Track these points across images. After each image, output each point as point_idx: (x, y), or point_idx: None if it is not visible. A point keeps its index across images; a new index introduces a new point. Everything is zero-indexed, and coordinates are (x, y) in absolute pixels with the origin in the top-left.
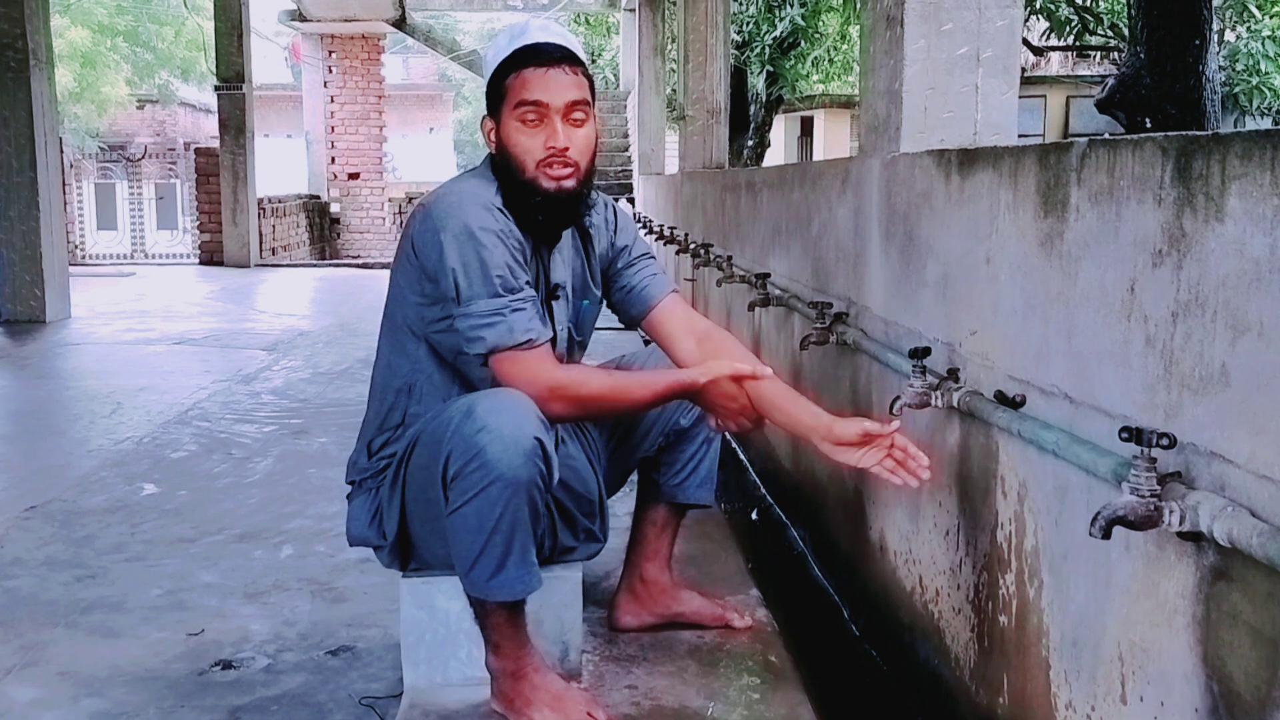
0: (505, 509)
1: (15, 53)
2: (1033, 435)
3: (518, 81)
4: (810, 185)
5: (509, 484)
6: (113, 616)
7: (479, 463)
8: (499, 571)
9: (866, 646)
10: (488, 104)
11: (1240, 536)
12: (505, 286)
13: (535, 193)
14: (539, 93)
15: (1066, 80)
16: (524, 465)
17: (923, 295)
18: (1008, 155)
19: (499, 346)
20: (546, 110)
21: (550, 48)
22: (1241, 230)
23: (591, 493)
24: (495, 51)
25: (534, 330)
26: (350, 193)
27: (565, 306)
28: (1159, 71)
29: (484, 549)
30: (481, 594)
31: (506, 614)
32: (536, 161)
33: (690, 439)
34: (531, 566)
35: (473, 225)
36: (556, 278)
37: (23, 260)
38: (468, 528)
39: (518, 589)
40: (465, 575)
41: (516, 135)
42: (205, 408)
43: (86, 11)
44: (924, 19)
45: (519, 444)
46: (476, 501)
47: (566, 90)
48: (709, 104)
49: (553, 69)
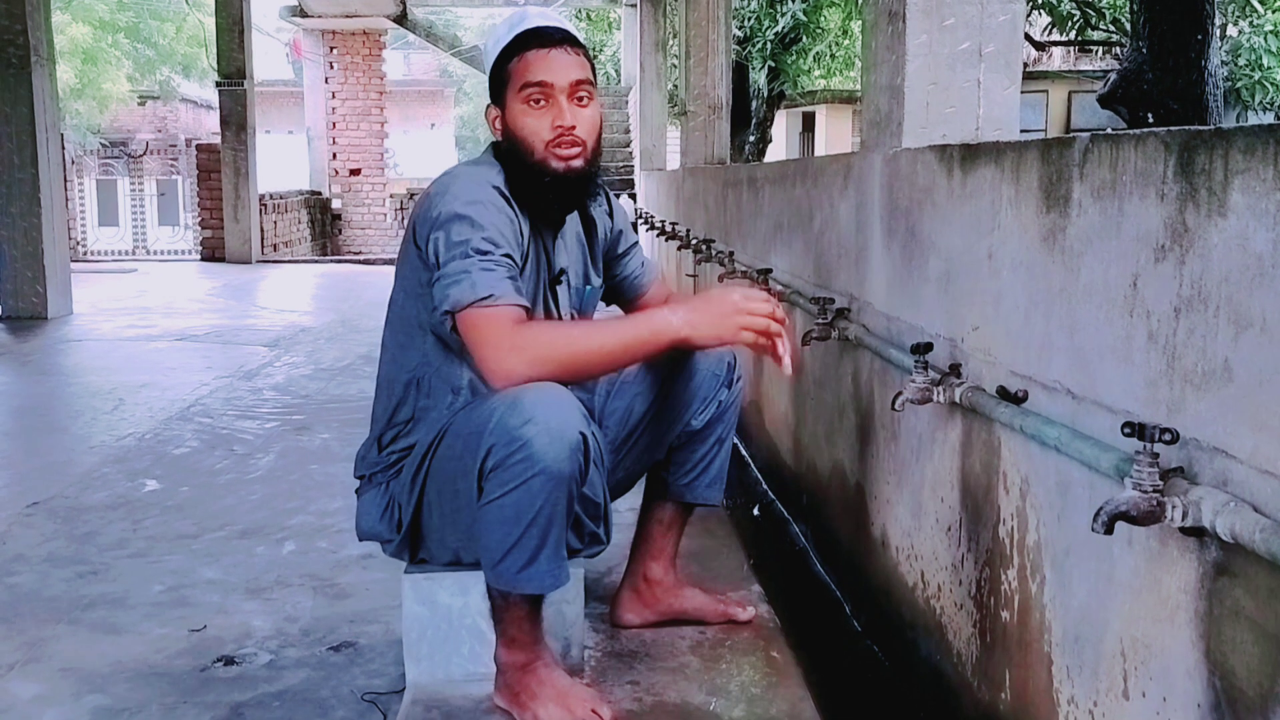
0: (545, 502)
1: (16, 49)
2: (1035, 431)
3: (521, 64)
4: (812, 181)
5: (552, 477)
6: (115, 613)
7: (524, 454)
8: (530, 564)
9: (868, 642)
10: (491, 92)
11: (1243, 532)
12: (477, 249)
13: (545, 174)
14: (543, 73)
15: (1069, 75)
16: (569, 459)
17: (925, 291)
18: (1010, 151)
19: (460, 303)
20: (551, 90)
21: (551, 30)
22: (1244, 225)
23: (598, 496)
24: (495, 39)
25: (497, 288)
26: (352, 189)
27: (569, 292)
28: (1161, 66)
29: (518, 541)
30: (509, 586)
31: (528, 608)
32: (545, 142)
33: (702, 439)
34: (563, 561)
35: (462, 198)
36: (560, 263)
37: (24, 256)
38: (504, 519)
39: (547, 582)
40: (494, 567)
41: (523, 118)
42: (207, 404)
43: (88, 8)
44: (926, 14)
45: (565, 438)
46: (517, 493)
47: (570, 69)
48: (710, 99)
49: (555, 49)
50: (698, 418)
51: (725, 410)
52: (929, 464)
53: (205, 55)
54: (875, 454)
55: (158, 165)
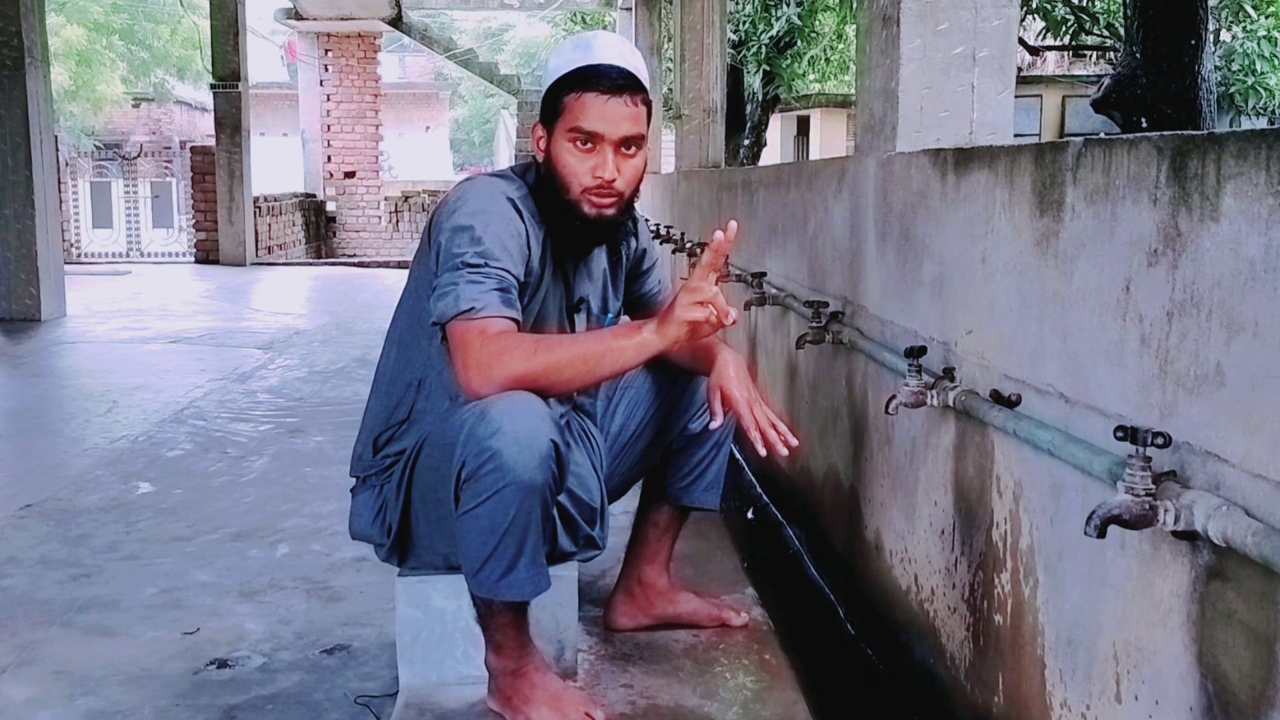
0: (519, 512)
1: (10, 51)
2: (1028, 434)
3: (577, 104)
4: (806, 185)
5: (523, 487)
6: (108, 615)
7: (494, 465)
8: (509, 572)
9: (862, 646)
10: (543, 112)
11: (1235, 536)
12: (468, 262)
13: (575, 216)
14: (596, 123)
15: (1062, 80)
16: (539, 469)
17: (918, 294)
18: (1003, 155)
19: (444, 315)
20: (601, 140)
21: (615, 72)
22: (1236, 230)
23: (594, 500)
24: (559, 61)
25: (479, 300)
26: (346, 191)
27: (587, 320)
28: (1155, 71)
29: (495, 550)
30: (490, 594)
31: (512, 614)
32: (583, 188)
33: (700, 444)
34: (542, 568)
35: (470, 208)
36: (581, 291)
37: (18, 259)
38: (480, 529)
39: (528, 590)
40: (474, 575)
41: (567, 156)
42: (201, 406)
43: (82, 9)
44: (920, 18)
45: (534, 447)
46: (490, 504)
47: (623, 124)
48: (705, 103)
49: (614, 99)
50: (695, 421)
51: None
52: (922, 467)
53: (200, 57)
54: (869, 457)
55: (152, 167)
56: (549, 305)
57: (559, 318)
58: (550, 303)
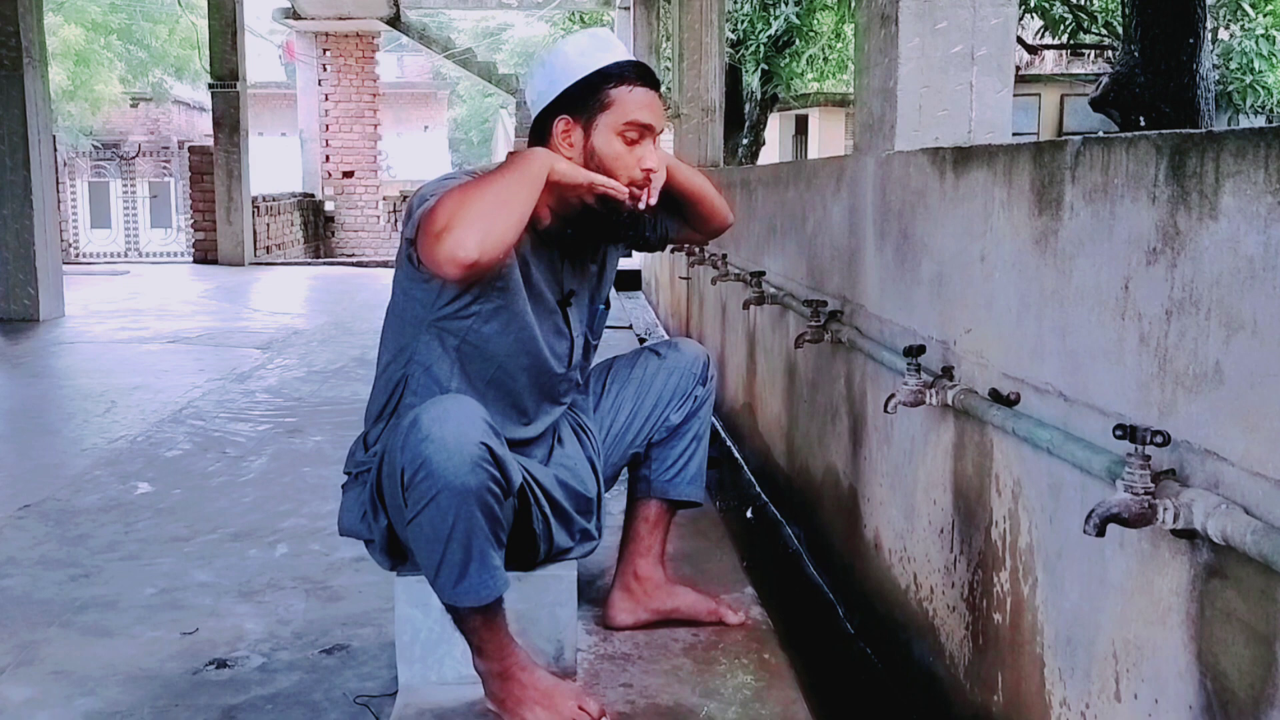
0: (457, 517)
1: (8, 50)
2: (1027, 433)
3: (631, 98)
4: (805, 183)
5: (456, 492)
6: (107, 616)
7: (425, 472)
8: (462, 579)
9: (861, 644)
10: (571, 104)
11: (1234, 534)
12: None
13: (614, 209)
14: (650, 116)
15: (1061, 79)
16: (470, 473)
17: (917, 293)
18: (1002, 153)
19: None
20: (650, 133)
21: (646, 68)
22: (1235, 228)
23: (590, 491)
24: (584, 55)
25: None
26: (345, 191)
27: (580, 311)
28: (1153, 70)
29: (443, 558)
30: (450, 600)
31: (481, 618)
32: (630, 179)
33: (680, 435)
34: (494, 570)
35: (432, 187)
36: (572, 284)
37: (16, 259)
38: (425, 537)
39: (482, 594)
40: (432, 583)
41: (616, 147)
42: (199, 406)
43: (80, 9)
44: (918, 17)
45: (463, 451)
46: (428, 511)
47: (662, 118)
48: (704, 102)
49: (656, 95)
50: (676, 412)
51: (700, 406)
52: (921, 466)
53: (198, 57)
54: (868, 456)
55: (150, 167)
56: (544, 296)
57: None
58: (548, 289)
